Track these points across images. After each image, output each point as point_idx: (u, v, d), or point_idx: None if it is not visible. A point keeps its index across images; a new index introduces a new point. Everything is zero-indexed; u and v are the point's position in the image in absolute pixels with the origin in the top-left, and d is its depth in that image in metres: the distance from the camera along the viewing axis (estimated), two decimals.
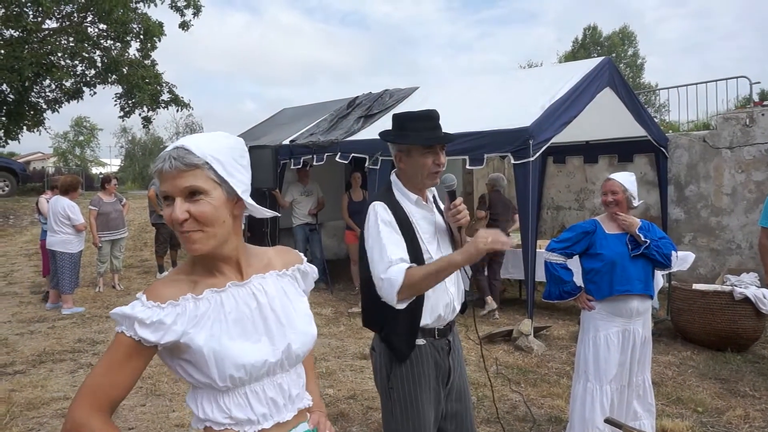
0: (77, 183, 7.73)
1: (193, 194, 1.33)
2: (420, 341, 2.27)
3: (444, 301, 2.29)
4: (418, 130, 2.27)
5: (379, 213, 2.21)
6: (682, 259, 6.19)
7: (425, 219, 2.33)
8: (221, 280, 1.42)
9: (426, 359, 2.29)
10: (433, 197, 2.45)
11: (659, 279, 5.76)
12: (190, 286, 1.39)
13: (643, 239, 3.31)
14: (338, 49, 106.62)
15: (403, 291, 2.07)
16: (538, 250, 6.11)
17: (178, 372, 1.38)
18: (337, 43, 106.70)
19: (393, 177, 2.38)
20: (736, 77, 9.45)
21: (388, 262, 2.11)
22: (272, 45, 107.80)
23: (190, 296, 1.36)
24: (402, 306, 2.14)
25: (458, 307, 2.39)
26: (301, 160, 8.47)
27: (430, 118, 2.31)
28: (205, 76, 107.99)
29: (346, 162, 8.06)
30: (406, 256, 2.17)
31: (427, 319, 2.26)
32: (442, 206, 2.44)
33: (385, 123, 8.01)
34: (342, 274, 9.44)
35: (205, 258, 1.41)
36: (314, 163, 8.31)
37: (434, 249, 2.30)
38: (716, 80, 9.66)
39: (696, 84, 9.92)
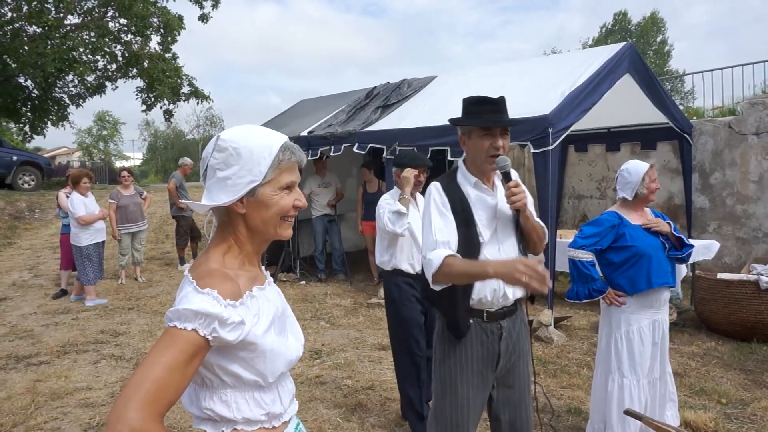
0: (80, 176, 7.73)
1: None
2: None
3: (490, 286, 2.26)
4: (480, 114, 2.29)
5: (432, 194, 2.28)
6: (707, 248, 6.05)
7: (482, 201, 2.32)
8: (253, 274, 1.42)
9: (470, 339, 2.28)
10: (501, 181, 2.38)
11: (682, 268, 5.66)
12: (240, 281, 1.37)
13: (686, 241, 3.21)
14: (362, 40, 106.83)
15: (439, 275, 2.13)
16: (558, 239, 6.03)
17: (215, 371, 1.31)
18: (361, 34, 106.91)
19: (460, 161, 2.44)
20: (763, 61, 9.21)
21: (433, 243, 2.18)
22: (297, 37, 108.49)
23: (247, 293, 1.34)
24: (437, 288, 2.20)
25: (512, 294, 2.32)
26: (319, 151, 8.46)
27: (493, 102, 2.32)
28: (231, 69, 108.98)
29: (363, 152, 8.03)
30: (453, 240, 2.21)
31: (473, 300, 2.27)
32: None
33: (402, 113, 7.97)
34: (361, 265, 9.44)
35: (257, 249, 1.44)
36: (331, 154, 8.30)
37: (489, 233, 2.29)
38: (742, 65, 9.42)
39: (722, 69, 9.68)
